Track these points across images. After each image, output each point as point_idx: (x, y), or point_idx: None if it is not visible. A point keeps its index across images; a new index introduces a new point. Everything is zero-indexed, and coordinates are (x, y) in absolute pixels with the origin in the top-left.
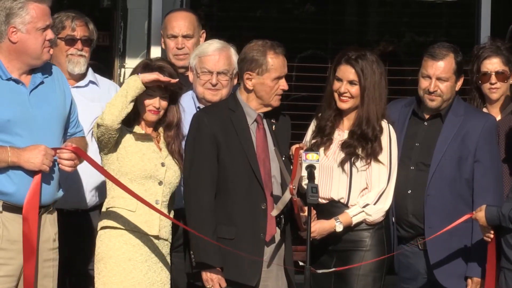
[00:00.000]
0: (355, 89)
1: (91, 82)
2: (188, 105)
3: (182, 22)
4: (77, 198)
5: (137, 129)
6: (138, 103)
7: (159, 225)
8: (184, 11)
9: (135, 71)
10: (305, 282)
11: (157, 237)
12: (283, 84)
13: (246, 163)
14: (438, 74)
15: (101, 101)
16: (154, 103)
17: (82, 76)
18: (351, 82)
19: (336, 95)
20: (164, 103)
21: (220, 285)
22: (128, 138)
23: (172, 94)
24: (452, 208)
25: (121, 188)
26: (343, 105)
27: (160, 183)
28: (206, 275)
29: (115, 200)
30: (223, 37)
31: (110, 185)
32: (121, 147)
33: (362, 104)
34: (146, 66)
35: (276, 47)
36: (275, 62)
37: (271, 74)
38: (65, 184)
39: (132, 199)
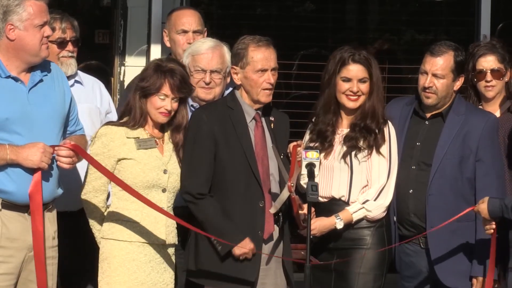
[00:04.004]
0: (365, 86)
1: (76, 81)
2: None
3: (192, 18)
4: (67, 200)
5: (141, 132)
6: (148, 104)
7: (166, 232)
8: (190, 8)
9: (146, 75)
10: (305, 280)
11: (164, 243)
12: (267, 78)
13: (245, 161)
14: (434, 70)
15: (87, 102)
16: (166, 106)
17: (69, 76)
18: (361, 80)
19: (343, 96)
20: (175, 105)
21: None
22: (130, 148)
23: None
24: (454, 208)
25: (120, 186)
26: (352, 104)
27: (164, 190)
28: (240, 250)
29: (119, 211)
30: (223, 35)
31: (114, 191)
32: (122, 159)
33: (370, 98)
34: (157, 69)
35: (260, 40)
36: (255, 54)
37: (252, 67)
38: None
39: (136, 210)
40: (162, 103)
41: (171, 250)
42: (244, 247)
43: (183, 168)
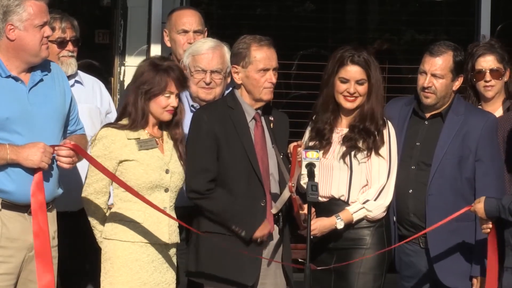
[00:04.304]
0: (363, 88)
1: (76, 81)
2: None
3: (192, 18)
4: (67, 200)
5: (141, 133)
6: (152, 105)
7: (168, 232)
8: (190, 8)
9: (147, 78)
10: (305, 281)
11: (167, 243)
12: (269, 77)
13: (246, 160)
14: (433, 70)
15: (87, 102)
16: (172, 103)
17: (69, 76)
18: (358, 81)
19: (340, 96)
20: (177, 100)
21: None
22: (132, 150)
23: None
24: (454, 208)
25: (121, 186)
26: (349, 105)
27: (166, 190)
28: (261, 233)
29: (122, 212)
30: (223, 35)
31: (115, 193)
32: (124, 161)
33: (368, 100)
34: (157, 69)
35: (261, 39)
36: (257, 53)
37: (255, 66)
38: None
39: (139, 210)
40: (168, 101)
41: (172, 250)
42: (264, 230)
43: (187, 168)
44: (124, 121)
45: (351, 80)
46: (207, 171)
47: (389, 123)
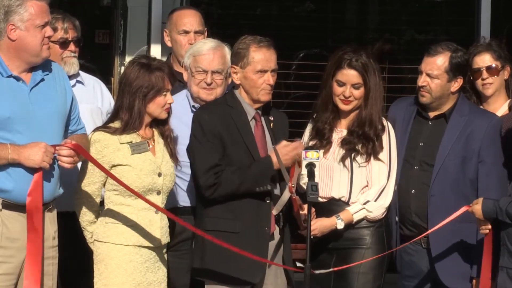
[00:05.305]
0: (359, 92)
1: (78, 82)
2: (182, 104)
3: (193, 19)
4: (67, 200)
5: (133, 136)
6: (151, 106)
7: (160, 234)
8: (191, 8)
9: (143, 81)
10: (305, 281)
11: (159, 245)
12: (267, 79)
13: (249, 157)
14: (428, 70)
15: (88, 102)
16: (169, 99)
17: (71, 76)
18: (354, 85)
19: (337, 98)
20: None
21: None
22: (125, 154)
23: None
24: (456, 208)
25: (120, 184)
26: (345, 107)
27: (159, 192)
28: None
29: (115, 215)
30: (223, 35)
31: (107, 195)
32: (117, 165)
33: (366, 105)
34: (151, 69)
35: (261, 41)
36: (256, 54)
37: (253, 67)
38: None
39: (132, 214)
40: (165, 99)
41: (163, 250)
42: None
43: (196, 168)
44: (116, 124)
45: (347, 84)
46: (216, 166)
47: (389, 126)
